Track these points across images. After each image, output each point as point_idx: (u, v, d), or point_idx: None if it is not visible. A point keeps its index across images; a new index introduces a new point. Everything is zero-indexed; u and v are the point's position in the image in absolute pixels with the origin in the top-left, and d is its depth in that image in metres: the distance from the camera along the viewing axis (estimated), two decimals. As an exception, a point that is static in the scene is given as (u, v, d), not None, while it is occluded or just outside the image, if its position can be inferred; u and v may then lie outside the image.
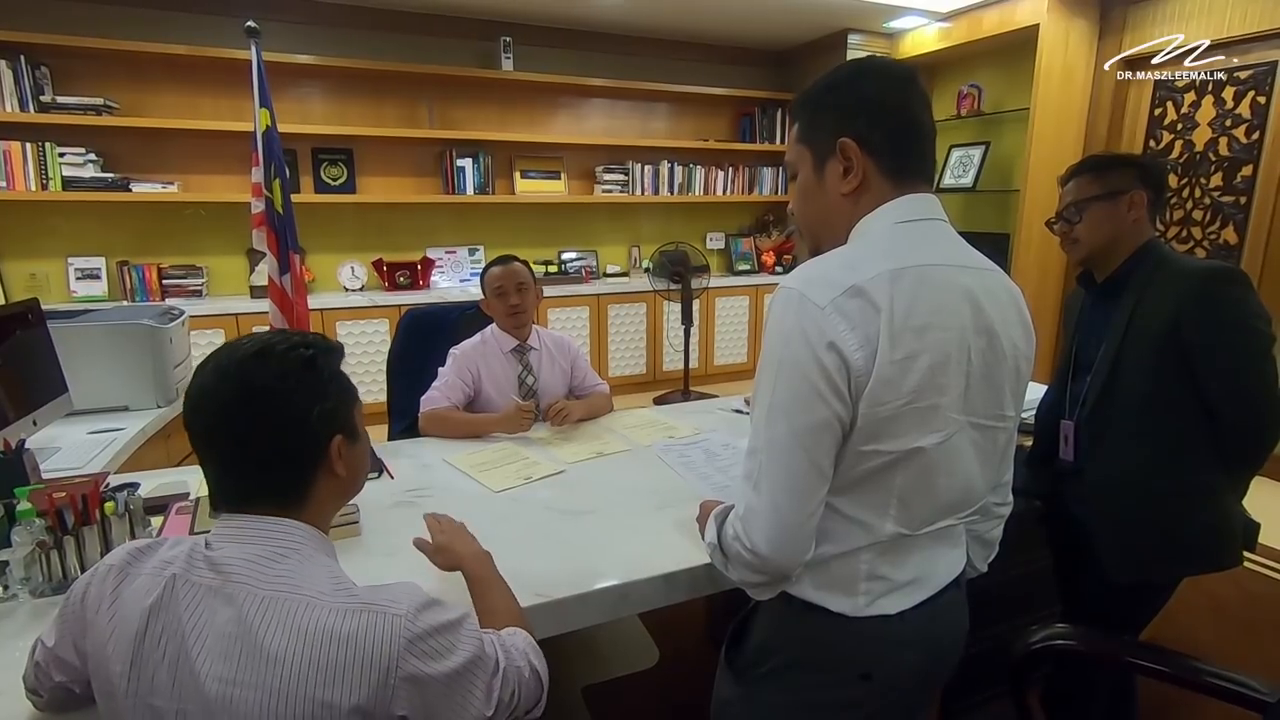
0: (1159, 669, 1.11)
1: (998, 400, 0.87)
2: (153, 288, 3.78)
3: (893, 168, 0.85)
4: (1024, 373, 0.90)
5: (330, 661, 0.67)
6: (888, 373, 0.76)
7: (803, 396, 0.76)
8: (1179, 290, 1.27)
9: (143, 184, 3.64)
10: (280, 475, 0.76)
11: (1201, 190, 3.55)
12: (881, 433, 0.78)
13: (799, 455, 0.77)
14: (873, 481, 0.81)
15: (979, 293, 0.83)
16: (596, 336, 4.58)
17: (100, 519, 1.11)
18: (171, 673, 0.68)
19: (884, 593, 0.85)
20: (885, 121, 0.84)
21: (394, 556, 1.23)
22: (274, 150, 2.61)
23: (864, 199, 0.86)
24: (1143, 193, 1.34)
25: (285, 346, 0.77)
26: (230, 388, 0.74)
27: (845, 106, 0.85)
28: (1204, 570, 1.35)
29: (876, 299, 0.76)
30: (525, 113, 4.56)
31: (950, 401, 0.81)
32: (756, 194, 5.26)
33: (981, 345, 0.83)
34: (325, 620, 0.68)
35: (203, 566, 0.72)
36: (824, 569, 0.84)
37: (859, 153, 0.84)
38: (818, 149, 0.88)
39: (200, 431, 0.76)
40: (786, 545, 0.79)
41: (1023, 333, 0.89)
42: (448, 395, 1.93)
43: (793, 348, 0.76)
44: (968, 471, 0.87)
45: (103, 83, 3.56)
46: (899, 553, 0.86)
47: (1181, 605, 1.43)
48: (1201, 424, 1.27)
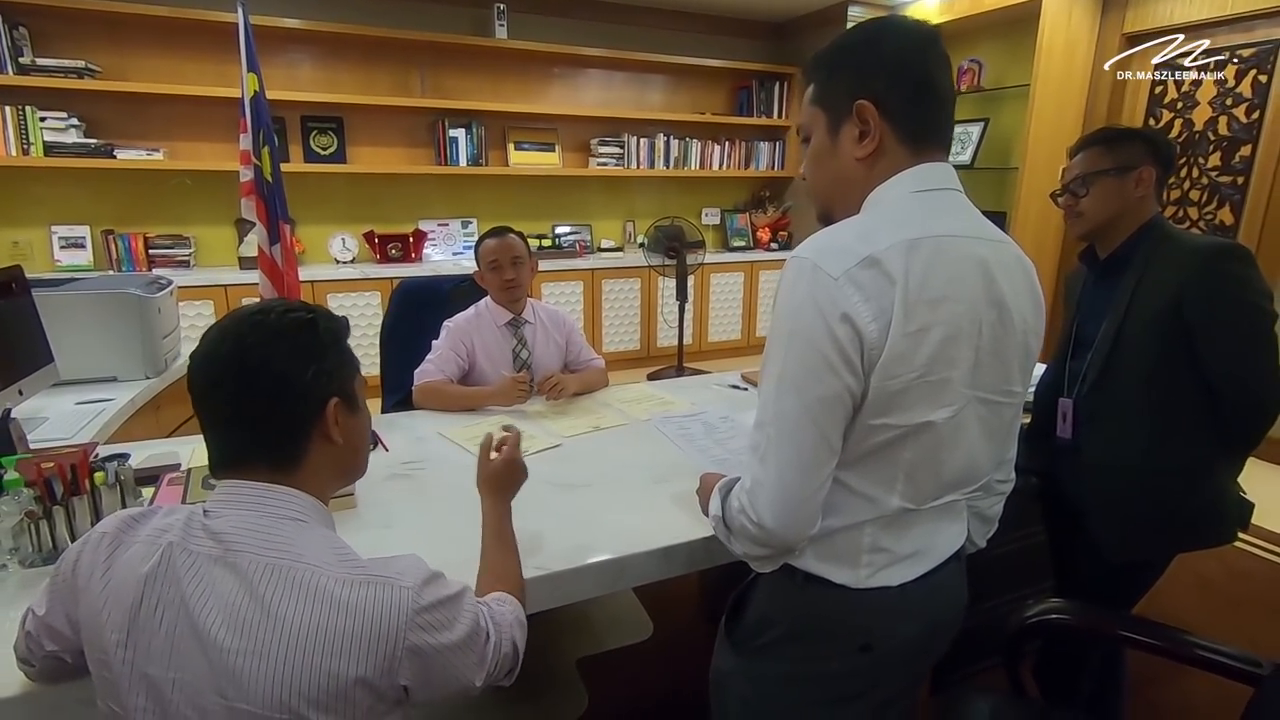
0: (1154, 643, 1.12)
1: (1005, 375, 0.85)
2: (139, 257, 3.71)
3: (910, 133, 0.82)
4: (1033, 348, 0.89)
5: (339, 630, 0.67)
6: (901, 346, 0.74)
7: (814, 369, 0.74)
8: (1182, 267, 1.26)
9: (127, 150, 3.55)
10: (273, 435, 0.75)
11: (1199, 170, 3.54)
12: (892, 406, 0.77)
13: (808, 429, 0.76)
14: (881, 455, 0.80)
15: (992, 265, 0.81)
16: (590, 312, 4.55)
17: (90, 489, 1.09)
18: (169, 641, 0.67)
19: (885, 565, 0.85)
20: (904, 84, 0.81)
21: (390, 529, 1.22)
22: (262, 116, 2.56)
23: (879, 164, 0.83)
24: (1152, 169, 1.32)
25: (285, 308, 0.78)
26: (227, 346, 0.75)
27: (863, 67, 0.82)
28: (1197, 547, 1.37)
29: (892, 270, 0.74)
30: (519, 83, 4.47)
31: (960, 376, 0.80)
32: (753, 169, 5.21)
33: (992, 318, 0.81)
34: (332, 589, 0.68)
35: (201, 535, 0.71)
36: (828, 541, 0.84)
37: (876, 116, 0.81)
38: (833, 111, 0.85)
39: (198, 392, 0.76)
40: (793, 519, 0.78)
41: (1033, 307, 0.88)
42: (442, 368, 1.91)
43: (805, 319, 0.74)
44: (973, 447, 0.86)
45: (84, 45, 3.46)
46: (902, 526, 0.85)
47: (1168, 581, 1.44)
48: (1201, 403, 1.27)
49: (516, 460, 1.11)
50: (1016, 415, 0.93)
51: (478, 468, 1.11)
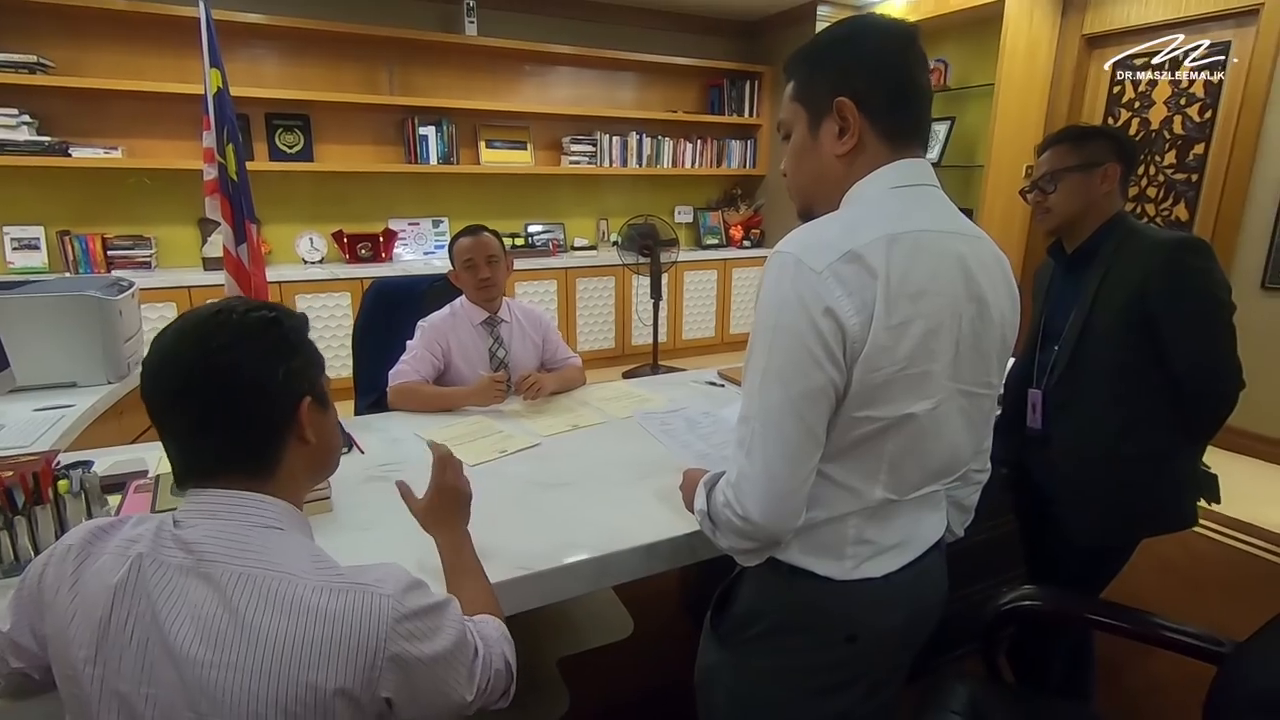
0: (1122, 625, 1.16)
1: (985, 368, 0.87)
2: (97, 259, 3.59)
3: (889, 130, 0.83)
4: (1009, 341, 0.91)
5: (317, 640, 0.65)
6: (883, 339, 0.75)
7: (798, 362, 0.75)
8: (1146, 260, 1.29)
9: (83, 149, 3.44)
10: (247, 442, 0.72)
11: (1156, 168, 3.65)
12: (875, 399, 0.78)
13: (793, 421, 0.76)
14: (864, 448, 0.81)
15: (970, 260, 0.83)
16: (564, 310, 4.53)
17: (54, 498, 1.05)
18: (141, 656, 0.65)
19: (870, 556, 0.86)
20: (884, 81, 0.82)
21: (368, 531, 1.20)
22: (226, 113, 2.49)
23: (859, 161, 0.84)
24: (1117, 166, 1.36)
25: (246, 308, 0.75)
26: (190, 351, 0.71)
27: (843, 64, 0.83)
28: (1161, 531, 1.41)
29: (873, 264, 0.75)
30: (490, 80, 4.43)
31: (941, 369, 0.81)
32: (725, 167, 5.23)
33: (972, 313, 0.83)
34: (309, 598, 0.66)
35: (171, 545, 0.68)
36: (812, 534, 0.84)
37: (855, 112, 0.82)
38: (813, 107, 0.86)
39: (159, 401, 0.72)
40: (779, 512, 0.79)
41: (1010, 301, 0.89)
42: (417, 369, 1.88)
43: (789, 313, 0.75)
44: (955, 438, 0.87)
45: (35, 39, 3.33)
46: (885, 517, 0.86)
47: (1132, 566, 1.49)
48: (1165, 392, 1.31)
49: (448, 486, 1.01)
50: (994, 406, 0.95)
51: (411, 510, 1.02)
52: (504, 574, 1.06)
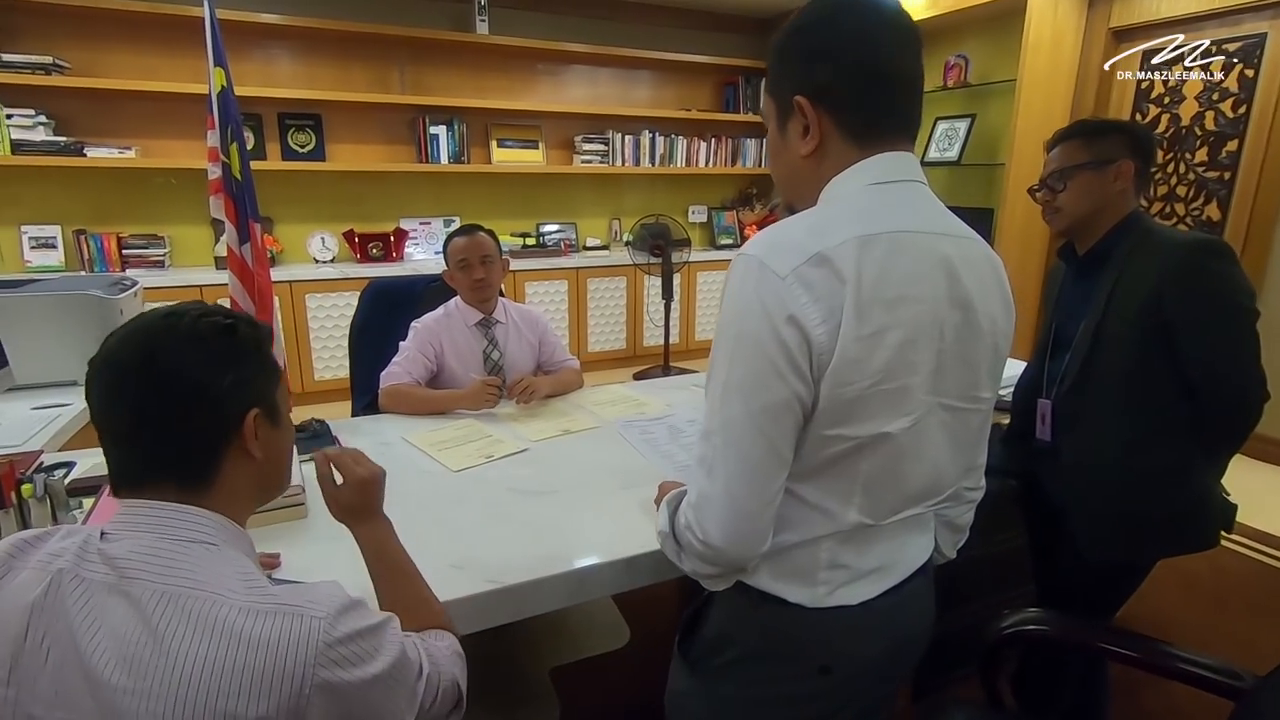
0: (1132, 655, 1.08)
1: (972, 380, 0.80)
2: (112, 258, 3.63)
3: (858, 126, 0.76)
4: (1002, 350, 0.83)
5: (237, 667, 0.60)
6: (853, 351, 0.69)
7: (760, 374, 0.69)
8: (1162, 263, 1.22)
9: (98, 148, 3.48)
10: (183, 449, 0.69)
11: (1186, 165, 3.51)
12: (846, 416, 0.71)
13: (756, 439, 0.71)
14: (837, 468, 0.75)
15: (957, 262, 0.75)
16: (576, 311, 4.50)
17: (17, 502, 1.03)
18: (55, 679, 0.61)
19: (845, 582, 0.80)
20: (851, 72, 0.74)
21: (339, 541, 1.15)
22: (230, 112, 2.48)
23: (825, 163, 0.78)
24: (1131, 163, 1.28)
25: (201, 312, 0.72)
26: (132, 353, 0.68)
27: (806, 55, 0.76)
28: (1180, 551, 1.33)
29: (842, 269, 0.68)
30: (502, 79, 4.41)
31: (920, 382, 0.74)
32: (740, 166, 5.16)
33: (956, 320, 0.76)
34: (233, 620, 0.62)
35: (95, 560, 0.65)
36: (783, 557, 0.79)
37: (813, 112, 0.76)
38: (780, 104, 0.80)
39: (97, 402, 0.69)
40: (742, 536, 0.73)
41: (1003, 308, 0.82)
42: (409, 370, 1.85)
43: (750, 321, 0.69)
44: (937, 457, 0.81)
45: (51, 40, 3.38)
46: (862, 541, 0.80)
47: (1152, 581, 1.41)
48: (1181, 402, 1.23)
49: (356, 479, 0.91)
50: (985, 422, 0.88)
51: (325, 495, 0.94)
52: (472, 587, 1.02)
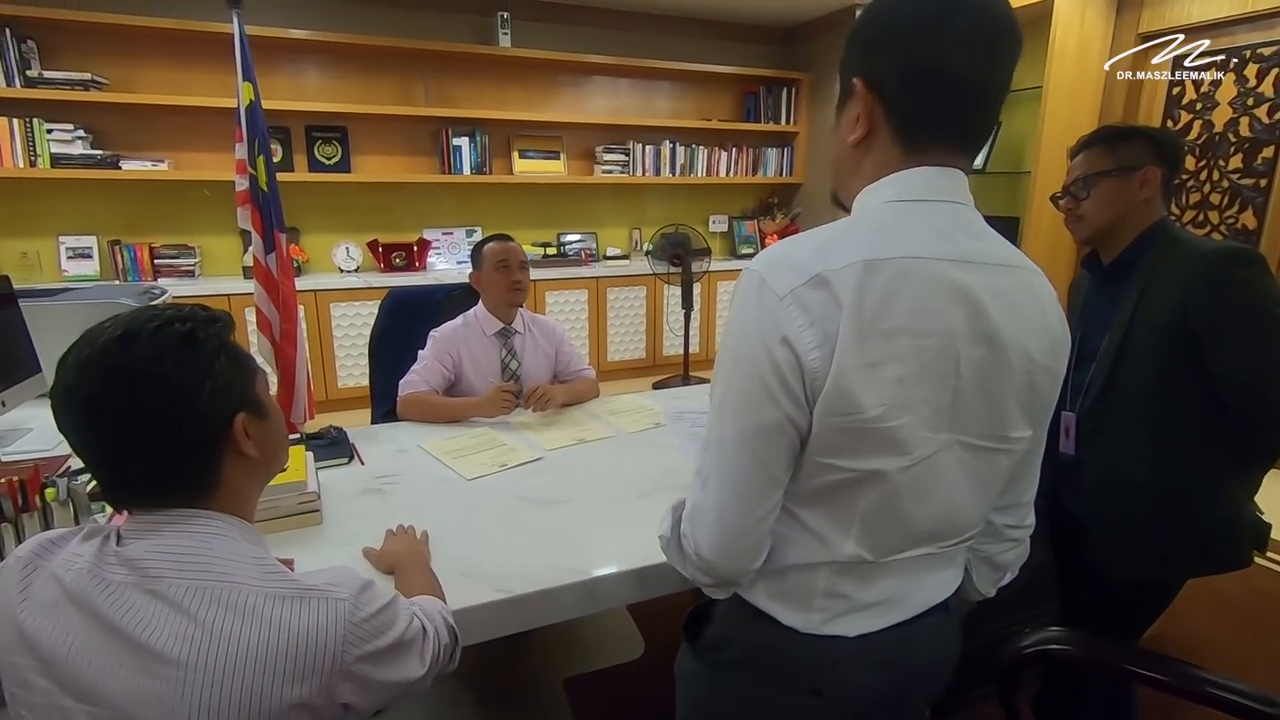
0: (1160, 678, 1.04)
1: (999, 419, 0.73)
2: (144, 267, 3.73)
3: (906, 127, 0.70)
4: (1043, 388, 0.75)
5: (277, 651, 0.63)
6: (847, 381, 0.65)
7: (753, 395, 0.67)
8: (1189, 273, 1.18)
9: (132, 161, 3.58)
10: (180, 469, 0.69)
11: (1220, 173, 3.42)
12: (839, 448, 0.68)
13: (746, 458, 0.69)
14: (835, 497, 0.72)
15: (982, 293, 0.69)
16: (595, 320, 4.51)
17: (41, 506, 1.06)
18: (87, 671, 0.63)
19: (844, 612, 0.76)
20: (908, 65, 0.68)
21: (354, 546, 1.18)
22: (258, 125, 2.54)
23: (867, 160, 0.73)
24: (1157, 169, 1.25)
25: (157, 324, 0.67)
26: (94, 382, 0.64)
27: (867, 40, 0.71)
28: (1210, 571, 1.29)
29: (840, 293, 0.64)
30: (523, 90, 4.46)
31: (923, 420, 0.69)
32: (761, 175, 5.15)
33: (978, 355, 0.69)
34: (263, 607, 0.64)
35: (114, 563, 0.66)
36: (780, 577, 0.76)
37: (867, 98, 0.70)
38: (843, 83, 0.75)
39: (72, 435, 0.67)
40: (731, 551, 0.72)
41: (1048, 342, 0.74)
42: (426, 379, 1.87)
43: (747, 341, 0.67)
44: (951, 497, 0.74)
45: (90, 57, 3.49)
46: (864, 575, 0.76)
47: (1183, 600, 1.36)
48: (1210, 416, 1.19)
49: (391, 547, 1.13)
50: (1021, 461, 0.81)
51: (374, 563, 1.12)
52: (480, 597, 1.02)
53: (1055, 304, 0.76)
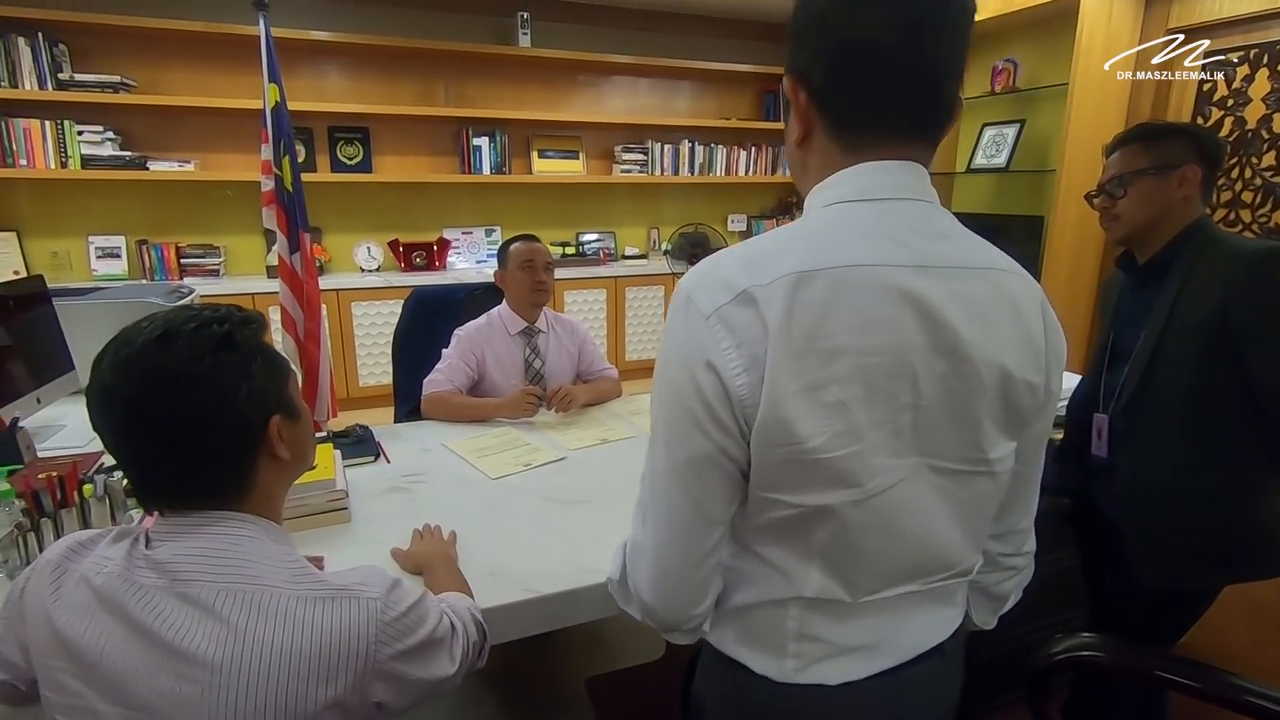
0: (1195, 686, 1.02)
1: (973, 439, 0.65)
2: (171, 267, 3.79)
3: (839, 118, 0.63)
4: (1024, 403, 0.67)
5: (309, 653, 0.63)
6: (783, 410, 0.58)
7: (679, 425, 0.61)
8: (1228, 273, 1.16)
9: (160, 162, 3.64)
10: (215, 471, 0.69)
11: (1252, 170, 3.35)
12: (781, 481, 0.61)
13: (678, 494, 0.64)
14: (790, 532, 0.64)
15: (943, 302, 0.60)
16: (614, 319, 4.51)
17: (79, 502, 1.08)
18: (119, 672, 0.64)
19: (822, 657, 0.68)
20: (829, 48, 0.61)
21: (382, 544, 1.19)
22: (283, 126, 2.57)
23: (811, 160, 0.67)
24: (1196, 168, 1.22)
25: (194, 325, 0.67)
26: (132, 382, 0.64)
27: (795, 29, 0.65)
28: (1246, 578, 1.26)
29: (766, 312, 0.57)
30: (543, 91, 4.47)
31: (878, 445, 0.61)
32: (780, 174, 5.12)
33: (940, 370, 0.61)
34: (294, 609, 0.65)
35: (144, 567, 0.67)
36: (745, 619, 0.69)
37: (796, 92, 0.65)
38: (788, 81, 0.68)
39: (108, 435, 0.67)
40: (671, 595, 0.66)
41: (1027, 355, 0.65)
42: (450, 378, 1.88)
43: (673, 365, 0.61)
44: (927, 529, 0.66)
45: (119, 60, 3.55)
46: (840, 614, 0.67)
47: (1219, 607, 1.33)
48: (1249, 420, 1.17)
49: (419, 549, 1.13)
50: (1011, 485, 0.73)
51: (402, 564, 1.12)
52: (508, 596, 1.03)
53: (1038, 308, 0.68)
